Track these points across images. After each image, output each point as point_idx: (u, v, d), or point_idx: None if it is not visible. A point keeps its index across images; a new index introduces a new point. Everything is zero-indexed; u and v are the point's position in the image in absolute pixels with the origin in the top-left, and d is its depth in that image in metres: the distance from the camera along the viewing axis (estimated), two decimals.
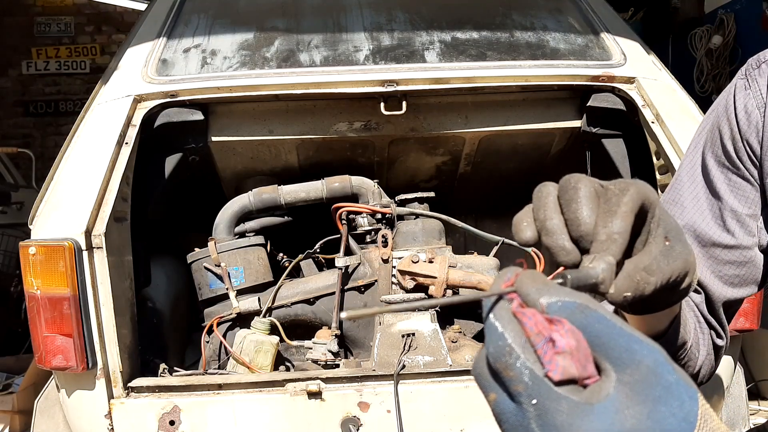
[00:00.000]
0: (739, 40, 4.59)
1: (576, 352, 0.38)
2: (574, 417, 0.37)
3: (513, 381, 0.38)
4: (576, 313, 0.39)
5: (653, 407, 0.37)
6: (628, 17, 5.58)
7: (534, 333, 0.38)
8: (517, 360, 0.38)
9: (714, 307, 0.84)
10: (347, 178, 2.22)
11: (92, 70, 7.43)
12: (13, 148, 5.49)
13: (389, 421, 1.73)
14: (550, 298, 0.39)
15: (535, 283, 0.40)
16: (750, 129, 0.82)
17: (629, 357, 0.38)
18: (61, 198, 1.79)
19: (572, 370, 0.38)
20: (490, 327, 0.39)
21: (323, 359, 1.97)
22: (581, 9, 2.43)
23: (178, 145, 2.13)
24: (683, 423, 0.37)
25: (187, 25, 2.34)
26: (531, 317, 0.39)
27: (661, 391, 0.37)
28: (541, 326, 0.38)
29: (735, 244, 0.82)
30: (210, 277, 2.12)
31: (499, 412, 0.40)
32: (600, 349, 0.38)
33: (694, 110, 2.01)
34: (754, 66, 0.85)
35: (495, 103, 2.21)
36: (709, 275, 0.83)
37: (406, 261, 2.03)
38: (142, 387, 1.76)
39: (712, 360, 0.85)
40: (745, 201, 0.82)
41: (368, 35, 2.28)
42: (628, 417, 0.37)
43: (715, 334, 0.85)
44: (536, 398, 0.37)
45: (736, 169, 0.83)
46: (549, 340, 0.38)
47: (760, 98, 0.82)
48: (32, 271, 1.69)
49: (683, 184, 0.87)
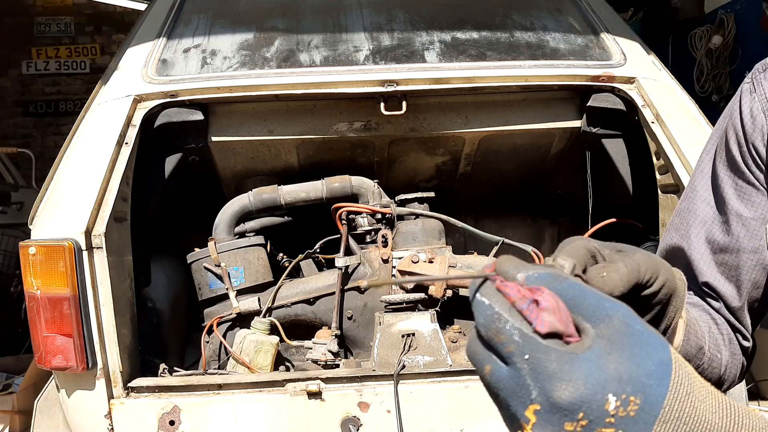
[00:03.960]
0: (739, 40, 4.59)
1: (558, 311, 0.42)
2: (563, 363, 0.41)
3: (505, 344, 0.42)
4: (551, 281, 0.44)
5: (630, 351, 0.41)
6: (628, 17, 5.59)
7: (518, 298, 0.43)
8: (506, 324, 0.42)
9: (733, 310, 0.84)
10: (347, 178, 2.22)
11: (92, 70, 7.44)
12: (13, 148, 5.50)
13: (389, 421, 1.73)
14: (528, 272, 0.44)
15: (512, 263, 0.46)
16: (755, 132, 0.82)
17: (602, 312, 0.43)
18: (61, 198, 1.79)
19: (557, 325, 0.42)
20: (478, 303, 0.44)
21: (323, 359, 1.97)
22: (581, 9, 2.43)
23: (178, 145, 2.13)
24: (660, 365, 0.42)
25: (187, 25, 2.34)
26: (513, 287, 0.43)
27: (633, 338, 0.42)
28: (524, 292, 0.43)
29: (740, 248, 0.82)
30: (210, 277, 2.12)
31: (496, 382, 0.43)
32: (576, 309, 0.43)
33: (694, 110, 2.01)
34: (760, 70, 0.85)
35: (495, 103, 2.21)
36: (722, 280, 0.84)
37: (406, 261, 2.03)
38: (142, 387, 1.76)
39: (738, 361, 0.86)
40: (752, 205, 0.82)
41: (368, 35, 2.28)
42: (611, 361, 0.41)
43: (741, 336, 0.86)
44: (528, 353, 0.41)
45: (742, 173, 0.83)
46: (533, 301, 0.42)
47: (765, 102, 0.82)
48: (32, 271, 1.69)
49: (696, 191, 0.88)
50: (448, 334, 2.01)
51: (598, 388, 0.40)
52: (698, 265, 0.85)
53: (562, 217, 2.81)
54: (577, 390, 0.40)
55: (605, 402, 0.40)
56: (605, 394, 0.40)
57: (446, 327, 2.06)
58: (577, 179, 2.34)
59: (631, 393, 0.40)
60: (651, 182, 1.99)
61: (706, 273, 0.84)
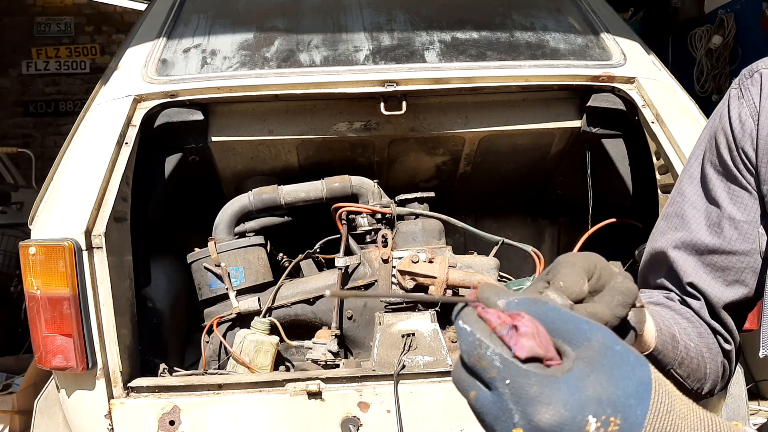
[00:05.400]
0: (739, 40, 4.59)
1: (537, 335, 0.44)
2: (543, 387, 0.42)
3: (486, 369, 0.43)
4: (531, 306, 0.45)
5: (610, 372, 0.42)
6: (628, 17, 5.58)
7: (498, 324, 0.44)
8: (486, 350, 0.43)
9: (715, 311, 0.85)
10: (347, 178, 2.22)
11: (92, 70, 7.43)
12: (13, 148, 5.50)
13: (389, 421, 1.73)
14: (508, 298, 0.46)
15: (493, 290, 0.47)
16: (744, 137, 0.83)
17: (581, 335, 0.44)
18: (61, 198, 1.79)
19: (537, 349, 0.43)
20: (461, 330, 0.46)
21: (323, 359, 1.97)
22: (581, 9, 2.43)
23: (178, 145, 2.13)
24: (640, 385, 0.43)
25: (187, 25, 2.34)
26: (494, 314, 0.45)
27: (613, 359, 0.43)
28: (504, 318, 0.45)
29: (731, 250, 0.83)
30: (210, 277, 2.12)
31: (480, 407, 0.44)
32: (556, 333, 0.44)
33: (694, 110, 2.01)
34: (747, 76, 0.86)
35: (495, 103, 2.21)
36: (709, 280, 0.85)
37: (406, 261, 2.03)
38: (142, 387, 1.76)
39: (717, 357, 0.85)
40: (744, 208, 0.83)
41: (368, 35, 2.28)
42: (590, 383, 0.42)
43: (722, 339, 0.86)
44: (508, 378, 0.42)
45: (734, 177, 0.84)
46: (512, 327, 0.44)
47: (753, 107, 0.84)
48: (32, 271, 1.69)
49: (684, 196, 0.89)
50: (448, 334, 2.01)
51: (578, 410, 0.41)
52: (683, 267, 0.86)
53: (562, 217, 2.82)
54: (557, 413, 0.41)
55: (585, 423, 0.41)
56: (585, 415, 0.41)
57: (446, 327, 2.06)
58: (577, 179, 2.34)
59: (611, 414, 0.41)
60: (651, 182, 1.99)
61: (691, 273, 0.85)
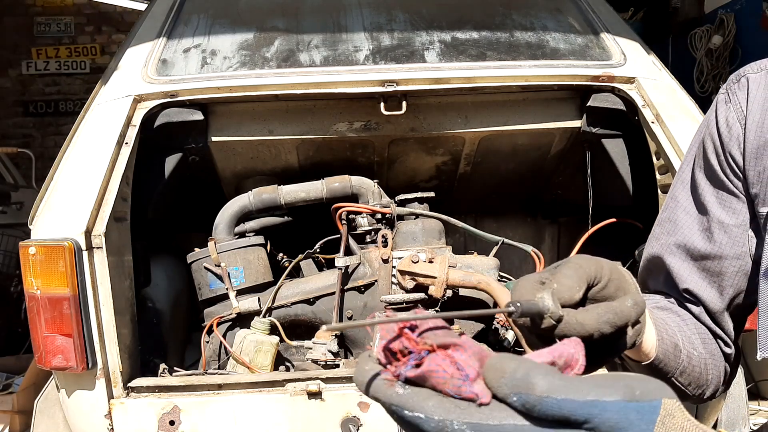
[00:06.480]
0: (739, 40, 4.59)
1: (479, 356, 0.43)
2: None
3: None
4: (537, 406, 0.42)
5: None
6: (628, 17, 5.58)
7: (447, 379, 0.43)
8: (452, 425, 0.42)
9: (715, 316, 0.85)
10: (347, 178, 2.22)
11: (92, 70, 7.43)
12: (13, 148, 5.49)
13: (389, 421, 1.73)
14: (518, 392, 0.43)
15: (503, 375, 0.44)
16: (732, 142, 0.84)
17: (597, 416, 0.42)
18: (61, 198, 1.79)
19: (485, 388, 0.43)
20: (415, 420, 0.45)
21: (323, 359, 1.97)
22: (581, 9, 2.43)
23: (178, 145, 2.13)
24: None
25: (187, 25, 2.34)
26: (435, 366, 0.43)
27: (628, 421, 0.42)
28: (446, 366, 0.43)
29: (723, 255, 0.84)
30: (210, 277, 2.12)
31: None
32: (585, 425, 0.42)
33: (694, 110, 2.00)
34: (734, 80, 0.87)
35: (495, 103, 2.21)
36: (705, 286, 0.85)
37: (406, 261, 2.03)
38: (142, 387, 1.76)
39: (719, 362, 0.86)
40: (733, 212, 0.83)
41: (368, 35, 2.28)
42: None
43: (722, 343, 0.86)
44: None
45: (722, 182, 0.84)
46: (464, 378, 0.42)
47: (740, 111, 0.84)
48: (32, 271, 1.69)
49: (677, 201, 0.89)
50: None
51: None
52: (679, 273, 0.86)
53: (562, 217, 2.81)
54: None
55: None
56: None
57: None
58: (577, 179, 2.34)
59: None
60: (651, 182, 1.99)
61: (687, 280, 0.86)
